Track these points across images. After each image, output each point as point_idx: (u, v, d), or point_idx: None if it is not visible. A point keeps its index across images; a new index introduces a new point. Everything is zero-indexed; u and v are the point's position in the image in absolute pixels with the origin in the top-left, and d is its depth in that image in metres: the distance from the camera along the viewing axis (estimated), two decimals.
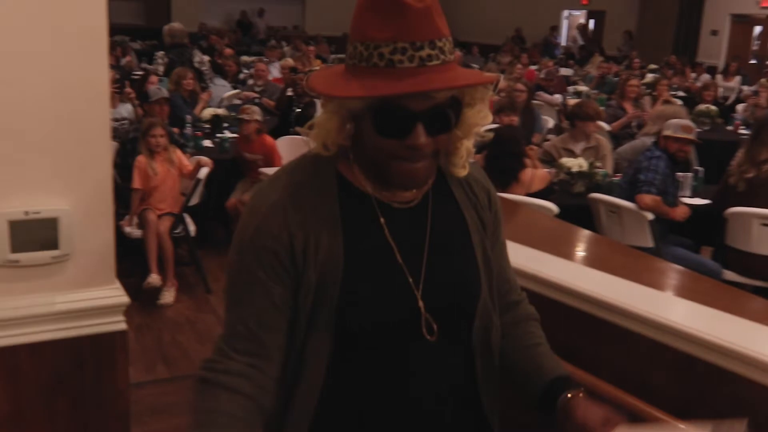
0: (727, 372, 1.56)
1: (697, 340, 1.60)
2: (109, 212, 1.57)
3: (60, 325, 1.56)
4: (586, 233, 3.09)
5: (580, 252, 2.81)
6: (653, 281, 2.17)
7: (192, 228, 4.91)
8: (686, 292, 2.14)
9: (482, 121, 1.21)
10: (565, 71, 12.96)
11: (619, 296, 1.80)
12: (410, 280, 1.20)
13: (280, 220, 1.17)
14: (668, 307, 1.83)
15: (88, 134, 1.53)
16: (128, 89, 6.46)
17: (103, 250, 1.57)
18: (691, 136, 4.57)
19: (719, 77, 12.60)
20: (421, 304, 1.20)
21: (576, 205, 4.54)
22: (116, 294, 1.59)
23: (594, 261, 2.67)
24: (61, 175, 1.52)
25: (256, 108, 5.78)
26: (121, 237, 4.60)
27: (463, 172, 1.26)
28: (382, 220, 1.20)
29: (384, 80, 1.08)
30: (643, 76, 11.04)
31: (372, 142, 1.14)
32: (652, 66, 13.38)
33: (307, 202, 1.19)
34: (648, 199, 4.35)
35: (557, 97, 9.27)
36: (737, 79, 12.33)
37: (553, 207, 4.14)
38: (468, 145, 1.23)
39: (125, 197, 4.79)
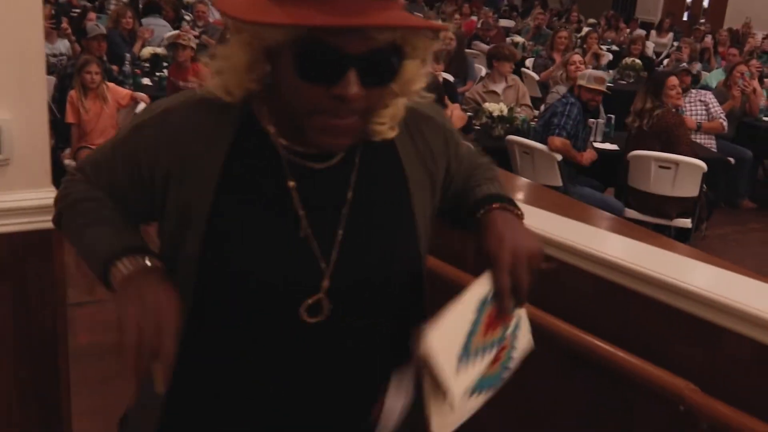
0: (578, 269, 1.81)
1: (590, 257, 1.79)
2: (45, 123, 1.80)
3: (3, 221, 1.80)
4: (502, 171, 3.43)
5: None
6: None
7: None
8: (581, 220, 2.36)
9: (420, 78, 1.01)
10: (506, 23, 13.23)
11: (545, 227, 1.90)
12: (316, 252, 1.00)
13: (158, 132, 1.02)
14: (569, 229, 2.01)
15: (24, 54, 1.75)
16: (65, 25, 6.49)
17: (40, 157, 1.81)
18: (602, 87, 4.93)
19: (653, 33, 13.06)
20: (326, 282, 1.00)
21: (493, 147, 4.85)
22: (52, 196, 1.82)
23: (514, 196, 3.00)
24: (2, 89, 1.74)
25: (192, 35, 5.88)
26: (60, 169, 4.75)
27: (391, 134, 1.04)
28: (291, 183, 1.00)
29: (314, 9, 0.85)
30: (579, 30, 11.42)
31: (291, 88, 0.92)
32: (591, 20, 13.78)
33: (198, 129, 1.01)
34: (558, 141, 4.71)
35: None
36: (670, 35, 12.81)
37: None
38: (402, 104, 1.02)
39: (65, 132, 4.92)
